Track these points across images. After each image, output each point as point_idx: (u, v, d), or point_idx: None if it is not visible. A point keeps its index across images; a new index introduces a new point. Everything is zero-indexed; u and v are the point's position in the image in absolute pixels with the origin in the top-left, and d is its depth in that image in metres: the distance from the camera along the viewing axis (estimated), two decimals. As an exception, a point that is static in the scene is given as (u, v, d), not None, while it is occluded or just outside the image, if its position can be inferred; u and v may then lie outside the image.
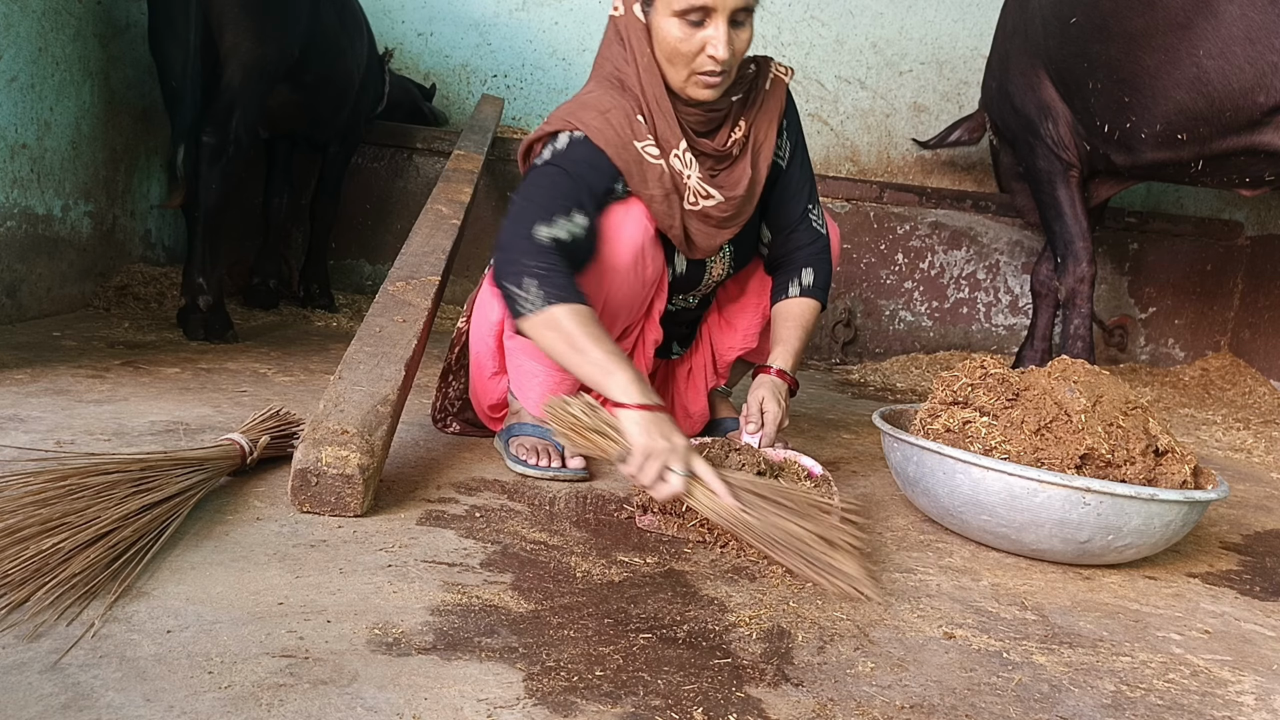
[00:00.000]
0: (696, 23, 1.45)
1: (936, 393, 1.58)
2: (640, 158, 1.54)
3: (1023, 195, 3.62)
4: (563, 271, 1.41)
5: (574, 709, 0.84)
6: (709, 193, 1.59)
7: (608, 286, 1.58)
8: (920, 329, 4.11)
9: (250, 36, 2.57)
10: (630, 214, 1.57)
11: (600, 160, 1.52)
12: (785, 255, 1.77)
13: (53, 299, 2.68)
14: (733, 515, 1.28)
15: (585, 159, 1.51)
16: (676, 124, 1.57)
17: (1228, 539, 1.72)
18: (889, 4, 4.36)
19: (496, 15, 4.29)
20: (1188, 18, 2.44)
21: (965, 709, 0.93)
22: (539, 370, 1.64)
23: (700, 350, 1.98)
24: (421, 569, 1.14)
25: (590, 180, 1.51)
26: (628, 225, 1.57)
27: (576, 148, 1.52)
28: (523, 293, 1.38)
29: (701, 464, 1.30)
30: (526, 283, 1.38)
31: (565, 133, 1.53)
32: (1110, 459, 1.39)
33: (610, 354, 1.36)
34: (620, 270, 1.57)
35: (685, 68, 1.50)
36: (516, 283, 1.39)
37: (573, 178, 1.49)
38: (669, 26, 1.47)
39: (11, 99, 2.41)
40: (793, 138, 1.75)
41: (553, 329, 1.37)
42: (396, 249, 2.11)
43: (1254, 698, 1.03)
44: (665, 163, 1.56)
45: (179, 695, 0.79)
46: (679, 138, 1.57)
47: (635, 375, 1.36)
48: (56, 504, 1.07)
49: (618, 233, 1.56)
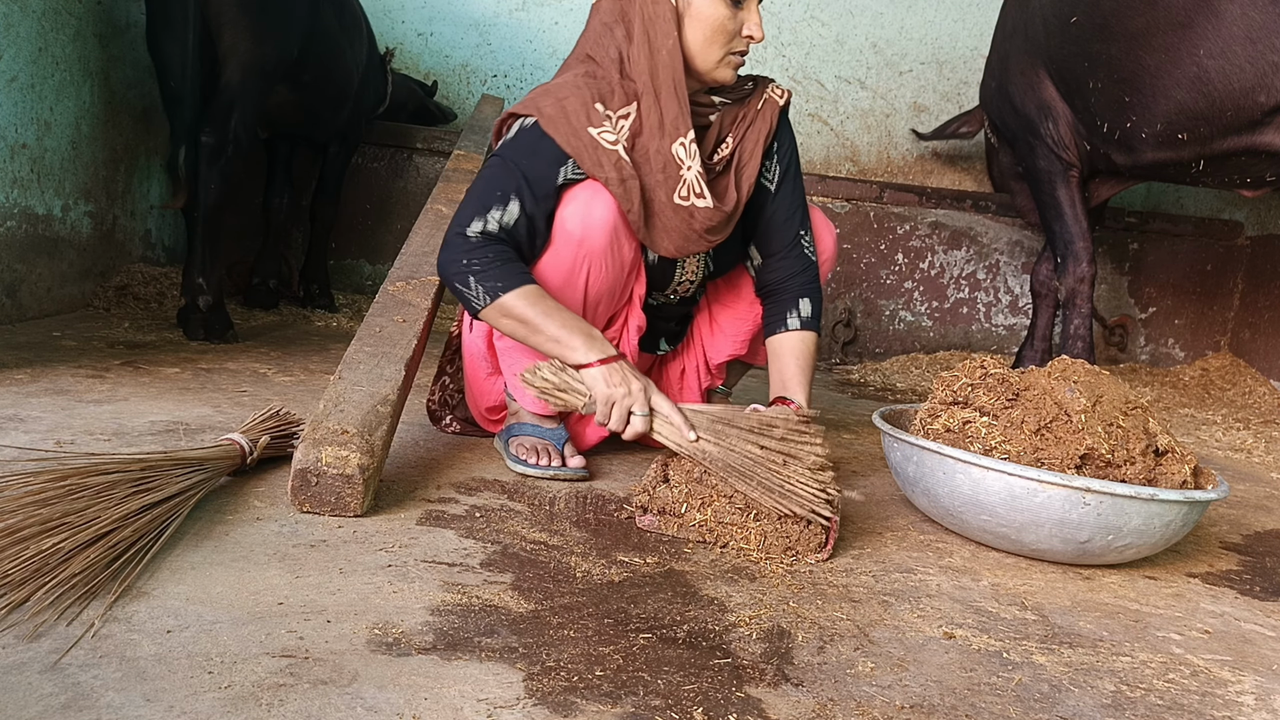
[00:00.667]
0: (736, 3, 1.54)
1: (936, 393, 1.58)
2: (595, 143, 1.53)
3: (1022, 195, 3.62)
4: (501, 261, 1.48)
5: (574, 709, 0.84)
6: (703, 191, 1.58)
7: (589, 272, 1.58)
8: (920, 329, 4.11)
9: (249, 36, 2.57)
10: (598, 194, 1.55)
11: (544, 145, 1.53)
12: (779, 283, 1.76)
13: (53, 299, 2.68)
14: (692, 445, 1.41)
15: (528, 145, 1.54)
16: (689, 112, 1.57)
17: (1228, 539, 1.72)
18: (889, 4, 4.36)
19: (496, 15, 4.29)
20: (1188, 17, 2.44)
21: (965, 709, 0.93)
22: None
23: (692, 350, 1.98)
24: (421, 569, 1.14)
25: (528, 166, 1.53)
26: (596, 206, 1.55)
27: (522, 135, 1.55)
28: (469, 291, 1.48)
29: (660, 399, 1.46)
30: (470, 280, 1.47)
31: (518, 122, 1.58)
32: (1110, 459, 1.39)
33: (563, 325, 1.47)
34: (597, 253, 1.57)
35: (723, 48, 1.56)
36: (463, 282, 1.48)
37: (510, 167, 1.53)
38: (714, 7, 1.53)
39: (11, 99, 2.41)
40: (784, 161, 1.74)
41: (506, 316, 1.47)
42: (396, 249, 2.11)
43: (1254, 698, 1.03)
44: (662, 144, 1.56)
45: (179, 695, 0.79)
46: (688, 127, 1.56)
47: (588, 336, 1.48)
48: (56, 504, 1.07)
49: (588, 212, 1.54)
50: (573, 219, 1.54)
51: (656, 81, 1.55)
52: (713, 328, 1.94)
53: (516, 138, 1.55)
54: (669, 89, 1.55)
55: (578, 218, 1.54)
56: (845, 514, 1.60)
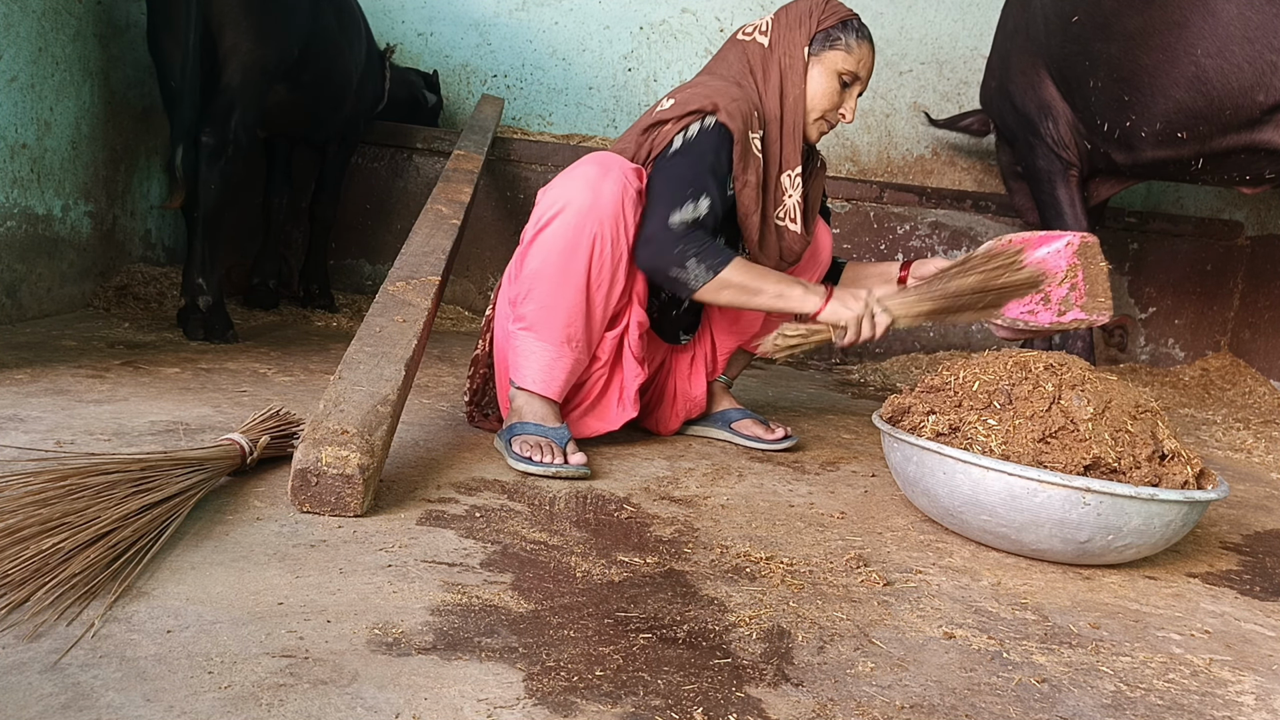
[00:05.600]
0: (846, 84, 1.83)
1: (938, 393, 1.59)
2: (750, 147, 1.77)
3: (1021, 194, 3.62)
4: (710, 242, 1.68)
5: (574, 709, 0.84)
6: (797, 218, 1.88)
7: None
8: (920, 329, 4.11)
9: (250, 36, 2.57)
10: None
11: (725, 144, 1.74)
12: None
13: (53, 299, 2.68)
14: (923, 311, 1.69)
15: (713, 144, 1.73)
16: (801, 152, 1.85)
17: (1228, 539, 1.72)
18: (889, 4, 4.36)
19: (496, 15, 4.29)
20: (1184, 16, 2.44)
21: (965, 709, 0.93)
22: (539, 348, 1.71)
23: (702, 341, 2.09)
24: (421, 569, 1.14)
25: (714, 162, 1.73)
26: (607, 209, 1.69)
27: (706, 136, 1.73)
28: (687, 273, 1.67)
29: (887, 296, 1.70)
30: (689, 263, 1.66)
31: (696, 122, 1.73)
32: (1116, 466, 1.38)
33: (779, 282, 1.70)
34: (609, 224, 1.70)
35: (819, 114, 1.84)
36: (680, 265, 1.66)
37: (700, 165, 1.71)
38: (827, 80, 1.81)
39: (11, 99, 2.41)
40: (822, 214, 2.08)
41: (726, 288, 1.68)
42: (396, 249, 2.11)
43: (1254, 698, 1.03)
44: (775, 170, 1.84)
45: (179, 695, 0.79)
46: (797, 163, 1.85)
47: (802, 285, 1.70)
48: (56, 504, 1.07)
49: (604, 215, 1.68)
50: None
51: (783, 118, 1.82)
52: (722, 321, 2.07)
53: (700, 138, 1.72)
54: (790, 128, 1.83)
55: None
56: (845, 513, 1.60)
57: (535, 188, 3.82)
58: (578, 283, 1.67)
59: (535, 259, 1.69)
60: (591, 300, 1.70)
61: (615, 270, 1.70)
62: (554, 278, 1.67)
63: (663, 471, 1.77)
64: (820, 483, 1.80)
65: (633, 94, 4.43)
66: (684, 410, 2.07)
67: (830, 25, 1.81)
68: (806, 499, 1.67)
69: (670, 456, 1.90)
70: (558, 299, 1.68)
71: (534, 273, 1.69)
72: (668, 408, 2.05)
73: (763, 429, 2.05)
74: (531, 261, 1.69)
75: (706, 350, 2.09)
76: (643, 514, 1.48)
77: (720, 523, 1.47)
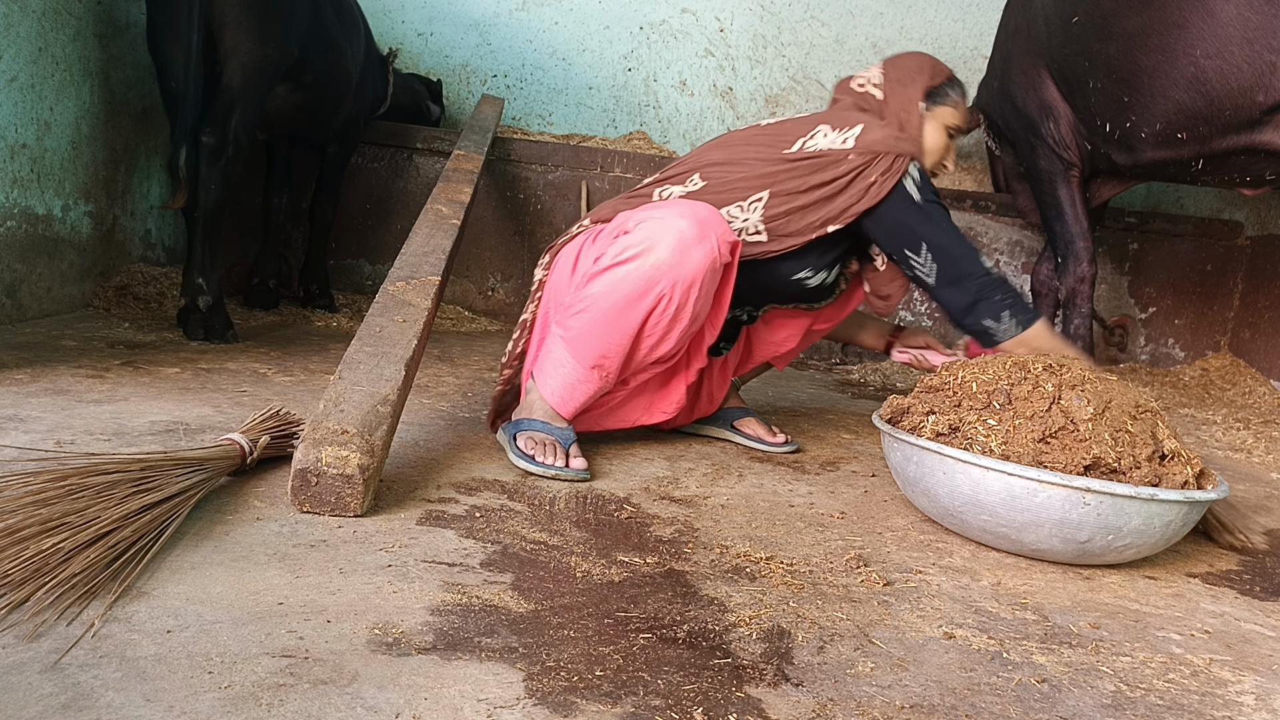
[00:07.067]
0: (952, 136, 1.95)
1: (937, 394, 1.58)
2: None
3: (1024, 195, 3.61)
4: (1016, 293, 1.79)
5: (574, 709, 0.84)
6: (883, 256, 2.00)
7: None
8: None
9: (250, 36, 2.57)
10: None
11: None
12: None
13: (53, 299, 2.68)
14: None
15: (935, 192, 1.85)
16: None
17: (1228, 539, 1.71)
18: (889, 4, 4.36)
19: (496, 15, 4.29)
20: (1183, 17, 2.44)
21: (965, 709, 0.93)
22: (570, 366, 1.69)
23: (736, 348, 2.13)
24: (421, 569, 1.14)
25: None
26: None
27: (929, 183, 1.83)
28: (998, 324, 1.76)
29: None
30: (1004, 315, 1.76)
31: (914, 162, 1.82)
32: (1116, 467, 1.38)
33: (1067, 346, 1.77)
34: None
35: (930, 165, 1.94)
36: (995, 317, 1.76)
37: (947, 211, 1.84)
38: (938, 134, 1.92)
39: (11, 99, 2.41)
40: None
41: (1021, 345, 1.75)
42: (396, 249, 2.11)
43: (1254, 698, 1.03)
44: None
45: (179, 695, 0.79)
46: None
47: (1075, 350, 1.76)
48: (56, 504, 1.07)
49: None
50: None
51: None
52: (762, 331, 2.13)
53: (925, 184, 1.82)
54: None
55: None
56: (845, 513, 1.60)
57: (535, 187, 3.84)
58: (629, 329, 1.65)
59: (601, 285, 1.65)
60: (638, 347, 1.69)
61: (670, 330, 1.68)
62: (609, 315, 1.64)
63: (663, 471, 1.77)
64: (820, 483, 1.81)
65: (632, 94, 4.43)
66: (702, 411, 2.10)
67: (941, 82, 1.92)
68: (806, 499, 1.67)
69: (670, 456, 1.90)
70: (606, 333, 1.65)
71: (595, 297, 1.65)
72: (689, 408, 2.06)
73: (765, 430, 2.05)
74: (597, 285, 1.65)
75: (739, 356, 2.14)
76: (643, 514, 1.48)
77: (720, 523, 1.47)
